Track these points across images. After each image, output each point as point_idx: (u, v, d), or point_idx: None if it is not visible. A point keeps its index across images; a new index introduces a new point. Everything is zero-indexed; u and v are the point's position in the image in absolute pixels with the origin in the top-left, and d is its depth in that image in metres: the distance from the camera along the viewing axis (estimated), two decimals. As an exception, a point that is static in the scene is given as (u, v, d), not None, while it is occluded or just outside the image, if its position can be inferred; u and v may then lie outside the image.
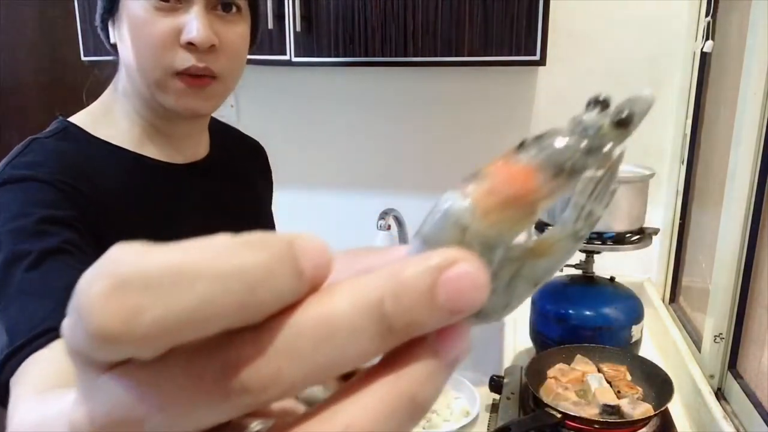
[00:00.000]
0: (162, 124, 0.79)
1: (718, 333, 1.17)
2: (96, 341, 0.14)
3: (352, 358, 0.15)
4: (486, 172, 0.18)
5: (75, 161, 0.72)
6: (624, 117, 0.20)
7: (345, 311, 0.15)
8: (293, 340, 0.15)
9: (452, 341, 0.16)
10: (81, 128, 0.77)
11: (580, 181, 0.20)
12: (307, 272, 0.16)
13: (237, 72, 0.78)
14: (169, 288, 0.14)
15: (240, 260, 0.15)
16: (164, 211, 0.78)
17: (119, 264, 0.14)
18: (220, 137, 0.92)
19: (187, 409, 0.15)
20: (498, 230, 0.18)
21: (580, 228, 0.21)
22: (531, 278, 0.20)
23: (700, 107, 1.49)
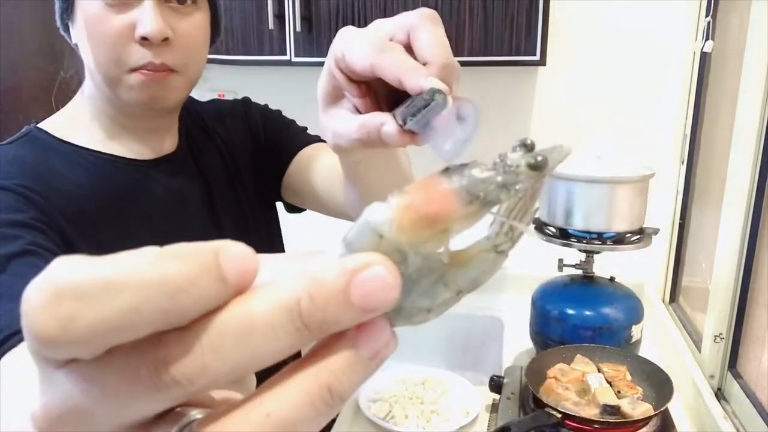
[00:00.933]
0: (127, 120, 0.78)
1: (718, 333, 1.17)
2: (39, 344, 0.16)
3: (271, 353, 0.17)
4: (410, 190, 0.20)
5: (33, 166, 0.72)
6: (539, 161, 0.22)
7: (263, 310, 0.17)
8: (217, 338, 0.17)
9: (370, 336, 0.18)
10: (46, 132, 0.76)
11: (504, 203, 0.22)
12: (231, 279, 0.17)
13: (197, 64, 0.76)
14: (98, 297, 0.16)
15: (162, 271, 0.17)
16: (127, 208, 0.77)
17: (56, 276, 0.16)
18: (194, 124, 0.91)
19: (127, 400, 0.17)
20: (411, 243, 0.19)
21: (500, 243, 0.23)
22: (453, 286, 0.22)
23: (700, 107, 1.49)
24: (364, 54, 0.41)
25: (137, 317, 0.16)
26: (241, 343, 0.17)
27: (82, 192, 0.74)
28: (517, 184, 0.21)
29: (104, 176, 0.76)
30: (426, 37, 0.41)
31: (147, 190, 0.80)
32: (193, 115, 0.91)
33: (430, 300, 0.21)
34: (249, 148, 0.93)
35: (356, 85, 0.44)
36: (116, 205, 0.76)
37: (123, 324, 0.16)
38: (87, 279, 0.16)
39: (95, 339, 0.16)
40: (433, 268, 0.21)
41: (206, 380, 0.17)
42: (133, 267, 0.17)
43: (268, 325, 0.17)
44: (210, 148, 0.90)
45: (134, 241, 0.76)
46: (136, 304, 0.16)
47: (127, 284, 0.16)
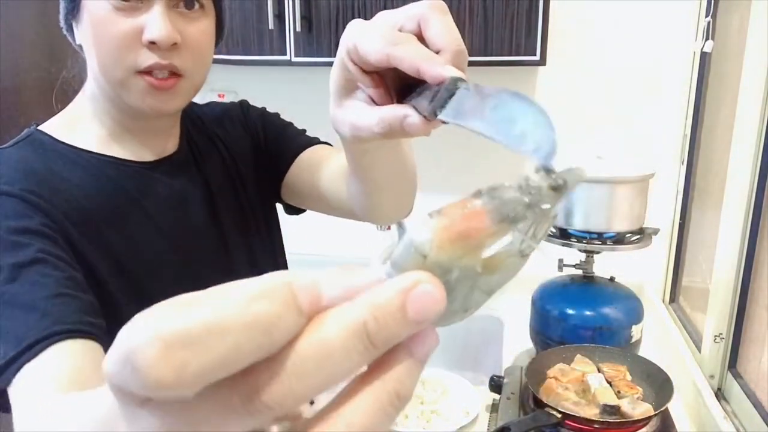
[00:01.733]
0: (129, 122, 0.78)
1: (718, 333, 1.17)
2: (151, 389, 0.18)
3: (346, 371, 0.20)
4: (445, 211, 0.23)
5: (37, 169, 0.71)
6: (560, 184, 0.25)
7: (337, 336, 0.19)
8: (300, 365, 0.19)
9: (423, 343, 0.21)
10: (48, 134, 0.76)
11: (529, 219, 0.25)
12: (305, 308, 0.20)
13: (203, 68, 0.76)
14: (205, 343, 0.18)
15: (255, 311, 0.19)
16: (130, 210, 0.77)
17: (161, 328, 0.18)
18: (194, 126, 0.91)
19: (219, 428, 0.19)
20: (451, 259, 0.23)
21: (525, 247, 0.25)
22: (486, 290, 0.25)
23: (700, 107, 1.49)
24: (379, 45, 0.42)
25: (239, 355, 0.18)
26: (321, 367, 0.19)
27: (85, 194, 0.74)
28: (541, 204, 0.25)
29: (107, 178, 0.76)
30: (437, 26, 0.43)
31: (149, 192, 0.80)
32: (193, 118, 0.91)
33: (465, 303, 0.24)
34: (249, 150, 0.93)
35: (369, 75, 0.45)
36: (119, 206, 0.76)
37: (227, 363, 0.18)
38: (193, 326, 0.18)
39: (202, 380, 0.18)
40: (468, 277, 0.23)
41: (292, 402, 0.19)
42: (230, 311, 0.18)
43: (342, 349, 0.19)
44: (210, 150, 0.90)
45: (140, 243, 0.76)
46: (239, 344, 0.18)
47: (228, 328, 0.18)
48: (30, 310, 0.60)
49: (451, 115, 0.38)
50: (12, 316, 0.61)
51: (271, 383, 0.19)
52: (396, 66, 0.42)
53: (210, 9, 0.77)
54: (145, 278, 0.76)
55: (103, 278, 0.71)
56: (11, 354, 0.58)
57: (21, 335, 0.59)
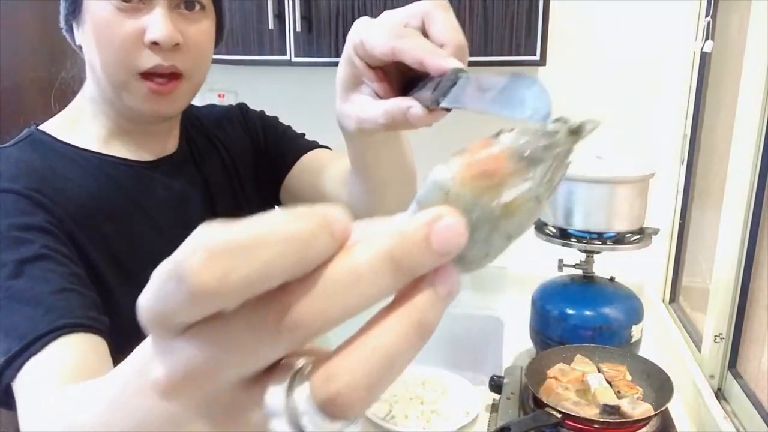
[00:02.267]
0: (128, 123, 0.78)
1: (718, 333, 1.17)
2: (195, 298, 0.19)
3: (374, 295, 0.21)
4: (467, 150, 0.24)
5: (38, 168, 0.72)
6: (577, 127, 0.27)
7: (366, 260, 0.21)
8: (331, 285, 0.20)
9: (444, 278, 0.22)
10: (48, 134, 0.76)
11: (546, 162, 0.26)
12: (337, 234, 0.21)
13: (203, 69, 0.77)
14: (247, 254, 0.19)
15: (293, 228, 0.20)
16: (131, 210, 0.77)
17: (206, 239, 0.19)
18: (193, 127, 0.91)
19: (252, 350, 0.21)
20: (472, 196, 0.23)
21: (541, 192, 0.26)
22: (505, 233, 0.25)
23: (700, 107, 1.49)
24: (385, 39, 0.44)
25: (277, 268, 0.20)
26: (350, 289, 0.20)
27: (86, 193, 0.74)
28: (558, 147, 0.26)
29: (107, 178, 0.77)
30: (440, 22, 0.45)
31: (149, 192, 0.80)
32: (192, 119, 0.91)
33: (486, 247, 0.25)
34: (249, 152, 0.94)
35: (374, 71, 0.48)
36: (120, 206, 0.77)
37: (266, 274, 0.19)
38: (234, 240, 0.19)
39: (244, 290, 0.19)
40: (488, 218, 0.24)
41: (323, 322, 0.20)
42: (271, 227, 0.20)
43: (370, 272, 0.20)
44: (210, 151, 0.90)
45: (140, 242, 0.77)
46: (277, 257, 0.19)
47: (269, 241, 0.19)
48: (34, 305, 0.61)
49: (452, 101, 0.40)
50: (16, 312, 0.61)
51: (303, 302, 0.20)
52: (400, 59, 0.44)
53: (210, 10, 0.77)
54: (145, 277, 0.76)
55: (103, 276, 0.72)
56: (16, 348, 0.58)
57: (26, 330, 0.59)
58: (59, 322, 0.60)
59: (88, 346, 0.61)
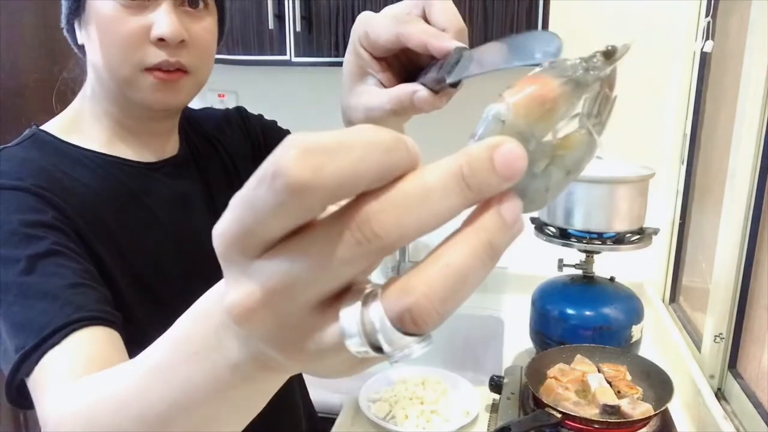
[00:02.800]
0: (132, 122, 0.79)
1: (718, 333, 1.17)
2: (290, 194, 0.20)
3: (445, 211, 0.22)
4: (516, 83, 0.26)
5: (44, 167, 0.72)
6: (610, 49, 0.29)
7: (437, 177, 0.22)
8: (403, 199, 0.22)
9: (509, 206, 0.23)
10: (51, 134, 0.77)
11: (589, 91, 0.28)
12: (411, 149, 0.23)
13: (207, 66, 0.78)
14: (339, 151, 0.21)
15: (378, 135, 0.22)
16: (135, 210, 0.77)
17: (301, 140, 0.21)
18: (193, 130, 0.91)
19: (332, 264, 0.22)
20: (527, 122, 0.25)
21: (593, 124, 0.28)
22: (563, 167, 0.27)
23: (700, 107, 1.49)
24: (389, 27, 0.46)
25: (365, 167, 0.21)
26: (423, 202, 0.22)
27: (91, 192, 0.74)
28: (597, 69, 0.28)
29: (111, 178, 0.77)
30: (440, 8, 0.47)
31: (153, 192, 0.80)
32: (191, 122, 0.92)
33: (546, 181, 0.27)
34: (248, 155, 0.95)
35: (378, 61, 0.50)
36: (125, 206, 0.77)
37: (356, 172, 0.21)
38: (328, 139, 0.21)
39: (336, 187, 0.21)
40: (545, 151, 0.26)
41: (398, 235, 0.22)
42: (360, 133, 0.22)
43: (441, 187, 0.22)
44: (211, 154, 0.91)
45: (144, 240, 0.77)
46: (365, 155, 0.21)
47: (358, 143, 0.21)
48: (49, 299, 0.61)
49: (458, 75, 0.42)
50: (30, 307, 0.61)
51: (380, 213, 0.21)
52: (405, 44, 0.46)
53: (213, 8, 0.78)
54: (151, 275, 0.76)
55: (111, 274, 0.72)
56: (33, 342, 0.58)
57: (42, 324, 0.59)
58: (75, 315, 0.60)
59: (105, 339, 0.61)
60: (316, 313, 0.24)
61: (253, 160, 0.95)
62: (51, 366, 0.57)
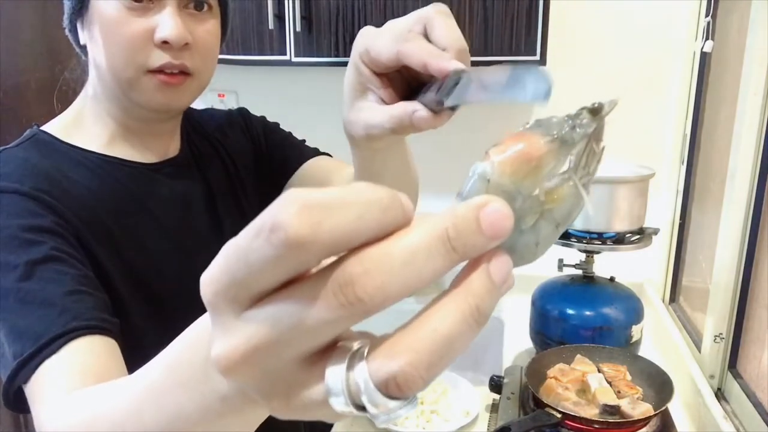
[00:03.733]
0: (133, 123, 0.78)
1: (718, 333, 1.17)
2: (288, 248, 0.20)
3: (429, 273, 0.22)
4: (502, 141, 0.26)
5: (44, 169, 0.72)
6: (596, 107, 0.28)
7: (423, 240, 0.22)
8: (389, 262, 0.21)
9: (499, 267, 0.23)
10: (51, 135, 0.76)
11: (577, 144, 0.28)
12: (407, 208, 0.23)
13: (210, 68, 0.78)
14: (338, 208, 0.21)
15: (376, 194, 0.22)
16: (135, 211, 0.77)
17: (300, 196, 0.21)
18: (195, 131, 0.91)
19: (314, 325, 0.21)
20: (513, 181, 0.25)
21: (581, 176, 0.28)
22: (552, 220, 0.27)
23: (700, 107, 1.49)
24: (390, 44, 0.46)
25: (362, 224, 0.21)
26: (407, 265, 0.21)
27: (92, 195, 0.74)
28: (583, 127, 0.28)
29: (112, 179, 0.77)
30: (441, 27, 0.46)
31: (154, 193, 0.80)
32: (193, 123, 0.92)
33: (535, 235, 0.26)
34: (250, 157, 0.94)
35: (379, 77, 0.49)
36: (125, 207, 0.77)
37: (353, 229, 0.21)
38: (328, 197, 0.21)
39: (333, 243, 0.21)
40: (533, 207, 0.26)
41: (381, 298, 0.21)
42: (358, 191, 0.22)
43: (426, 249, 0.22)
44: (212, 155, 0.91)
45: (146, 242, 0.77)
46: (363, 214, 0.21)
47: (356, 201, 0.22)
48: (47, 306, 0.61)
49: (456, 99, 0.41)
50: (28, 313, 0.61)
51: (363, 276, 0.21)
52: (405, 62, 0.45)
53: (216, 10, 0.78)
54: (151, 277, 0.76)
55: (111, 277, 0.72)
56: (30, 350, 0.58)
57: (40, 332, 0.59)
58: (73, 324, 0.60)
59: (102, 349, 0.61)
60: (303, 368, 0.23)
61: (254, 162, 0.95)
62: (48, 375, 0.57)
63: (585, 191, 0.28)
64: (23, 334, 0.59)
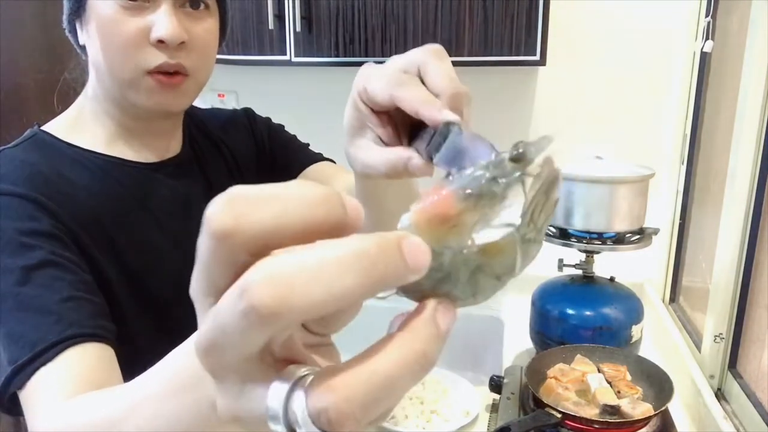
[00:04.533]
0: (133, 123, 0.78)
1: (718, 333, 1.17)
2: (214, 238, 0.21)
3: (340, 289, 0.20)
4: (422, 196, 0.25)
5: (43, 170, 0.72)
6: (517, 154, 0.26)
7: (337, 251, 0.21)
8: (293, 270, 0.20)
9: (446, 314, 0.23)
10: (52, 135, 0.76)
11: (528, 194, 0.26)
12: (350, 211, 0.23)
13: (208, 67, 0.77)
14: (261, 203, 0.22)
15: (305, 190, 0.22)
16: (135, 211, 0.77)
17: (231, 191, 0.22)
18: (197, 129, 0.91)
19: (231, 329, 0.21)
20: (434, 239, 0.23)
21: (525, 233, 0.26)
22: (491, 273, 0.25)
23: (700, 107, 1.49)
24: (384, 87, 0.45)
25: (286, 219, 0.21)
26: (315, 276, 0.20)
27: (91, 195, 0.74)
28: (504, 177, 0.25)
29: (112, 179, 0.77)
30: (433, 71, 0.45)
31: (154, 193, 0.80)
32: (197, 122, 0.91)
33: (473, 287, 0.25)
34: (253, 158, 0.94)
35: (378, 115, 0.48)
36: (125, 208, 0.76)
37: (276, 223, 0.21)
38: (256, 191, 0.22)
39: (257, 235, 0.21)
40: (464, 260, 0.24)
41: (286, 308, 0.20)
42: (289, 187, 0.22)
43: (337, 262, 0.20)
44: (215, 155, 0.91)
45: (145, 243, 0.77)
46: (288, 208, 0.22)
47: (283, 196, 0.22)
48: (44, 313, 0.61)
49: (444, 161, 0.40)
50: (24, 320, 0.61)
51: (260, 284, 0.20)
52: (399, 106, 0.45)
53: (214, 9, 0.77)
54: (149, 277, 0.76)
55: (109, 278, 0.72)
56: (26, 357, 0.58)
57: (36, 339, 0.59)
58: (68, 332, 0.60)
59: (97, 357, 0.61)
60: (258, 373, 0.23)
61: (257, 163, 0.94)
62: (43, 383, 0.57)
63: (532, 246, 0.26)
64: (19, 340, 0.60)
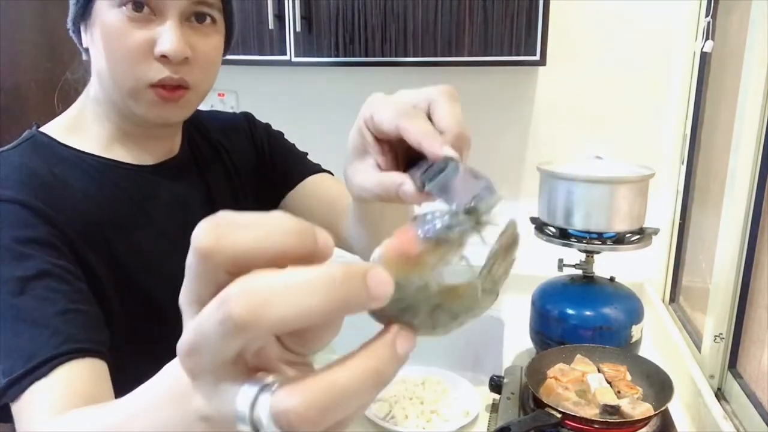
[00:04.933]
0: (132, 128, 0.78)
1: (718, 333, 1.17)
2: (197, 256, 0.25)
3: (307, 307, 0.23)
4: (395, 234, 0.28)
5: (40, 174, 0.71)
6: (470, 207, 0.30)
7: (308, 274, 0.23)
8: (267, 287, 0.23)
9: (405, 339, 0.26)
10: (50, 137, 0.76)
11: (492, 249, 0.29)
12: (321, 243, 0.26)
13: (210, 81, 0.77)
14: (242, 227, 0.25)
15: (283, 221, 0.25)
16: (132, 214, 0.77)
17: (218, 216, 0.25)
18: (197, 132, 0.91)
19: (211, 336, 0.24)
20: (399, 273, 0.26)
21: (483, 283, 0.29)
22: (449, 313, 0.28)
23: (700, 107, 1.49)
24: (392, 117, 0.47)
25: (262, 243, 0.24)
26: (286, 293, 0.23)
27: (88, 199, 0.73)
28: (458, 227, 0.29)
29: (109, 182, 0.76)
30: (443, 110, 0.47)
31: (151, 195, 0.80)
32: (197, 124, 0.91)
33: (432, 321, 0.28)
34: (252, 163, 0.94)
35: (380, 143, 0.50)
36: (122, 210, 0.76)
37: (253, 246, 0.24)
38: (239, 218, 0.25)
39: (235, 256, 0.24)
40: (426, 297, 0.27)
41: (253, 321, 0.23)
42: (268, 216, 0.25)
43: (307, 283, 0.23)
44: (214, 158, 0.90)
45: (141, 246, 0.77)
46: (266, 234, 0.25)
47: (262, 223, 0.25)
48: (39, 326, 0.61)
49: (436, 189, 0.42)
50: (19, 332, 0.60)
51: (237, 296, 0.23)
52: (404, 137, 0.46)
53: (220, 23, 0.77)
54: (147, 281, 0.76)
55: (105, 283, 0.71)
56: (21, 371, 0.58)
57: (31, 352, 0.59)
58: (63, 347, 0.60)
59: (91, 372, 0.61)
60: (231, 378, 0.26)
61: (256, 168, 0.94)
62: (36, 396, 0.58)
63: (488, 295, 0.29)
64: (13, 352, 0.60)
